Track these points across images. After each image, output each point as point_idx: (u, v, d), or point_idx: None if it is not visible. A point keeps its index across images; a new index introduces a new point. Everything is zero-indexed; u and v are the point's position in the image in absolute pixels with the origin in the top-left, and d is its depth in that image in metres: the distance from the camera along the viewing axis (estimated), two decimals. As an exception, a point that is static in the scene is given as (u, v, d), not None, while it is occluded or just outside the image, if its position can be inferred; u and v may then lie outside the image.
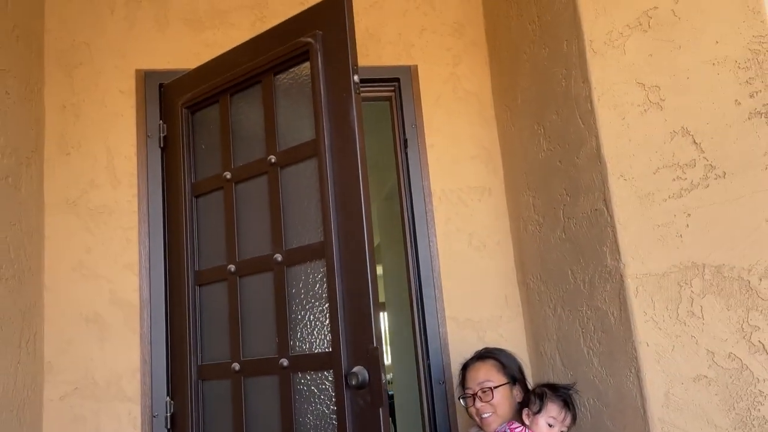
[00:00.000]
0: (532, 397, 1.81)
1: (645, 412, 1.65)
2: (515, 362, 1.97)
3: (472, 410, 1.88)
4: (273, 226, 1.99)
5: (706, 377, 1.59)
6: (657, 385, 1.63)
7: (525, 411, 1.80)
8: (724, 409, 1.56)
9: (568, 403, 1.80)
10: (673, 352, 1.63)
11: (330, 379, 1.80)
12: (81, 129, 2.37)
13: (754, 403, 1.53)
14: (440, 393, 2.34)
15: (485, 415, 1.85)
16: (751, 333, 1.55)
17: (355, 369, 1.71)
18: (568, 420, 1.79)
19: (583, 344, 1.97)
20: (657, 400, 1.63)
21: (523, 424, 1.78)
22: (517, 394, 1.90)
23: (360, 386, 1.70)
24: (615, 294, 1.76)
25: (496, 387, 1.85)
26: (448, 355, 2.38)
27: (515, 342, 2.43)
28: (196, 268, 2.18)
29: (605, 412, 1.87)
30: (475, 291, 2.47)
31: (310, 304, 1.89)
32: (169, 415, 2.15)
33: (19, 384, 1.96)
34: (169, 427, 2.14)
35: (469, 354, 2.03)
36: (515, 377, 1.92)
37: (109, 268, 2.28)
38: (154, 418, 2.15)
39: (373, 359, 1.69)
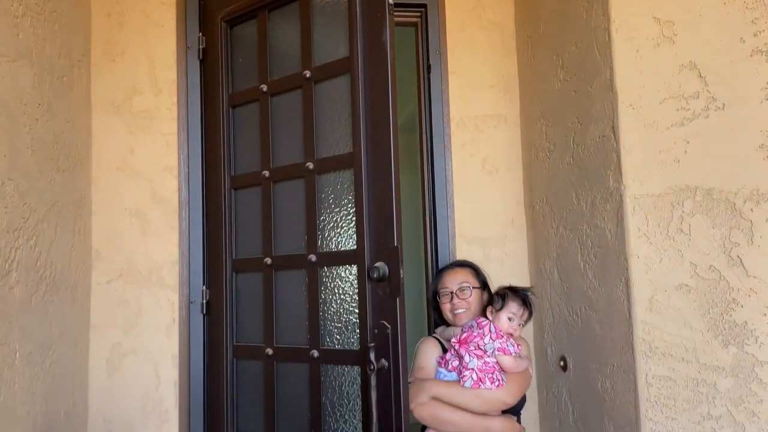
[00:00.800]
0: (496, 297, 2.12)
1: (630, 316, 1.88)
2: (484, 274, 2.32)
3: (447, 306, 2.22)
4: (305, 137, 2.17)
5: (687, 286, 1.80)
6: (643, 293, 1.85)
7: (489, 308, 2.10)
8: (700, 313, 1.78)
9: (526, 302, 2.11)
10: (660, 264, 1.84)
11: (354, 272, 2.02)
12: (124, 37, 2.52)
13: (727, 309, 1.76)
14: (447, 300, 2.57)
15: (460, 311, 2.17)
16: (731, 248, 1.75)
17: (377, 264, 1.93)
18: (526, 316, 2.11)
19: (580, 259, 2.19)
20: (642, 305, 1.85)
21: (487, 319, 2.07)
22: (485, 298, 2.22)
23: (380, 279, 1.92)
24: (614, 213, 1.95)
25: (473, 288, 2.20)
26: (456, 268, 2.60)
27: (517, 259, 2.66)
28: (232, 173, 2.37)
29: (594, 317, 2.10)
30: (484, 212, 2.67)
31: (338, 209, 2.10)
32: (205, 302, 2.39)
33: (72, 266, 2.20)
34: (205, 312, 2.40)
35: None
36: (485, 284, 2.28)
37: (151, 169, 2.47)
38: (191, 304, 2.40)
39: (393, 256, 1.91)
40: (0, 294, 1.65)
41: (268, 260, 2.22)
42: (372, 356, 1.88)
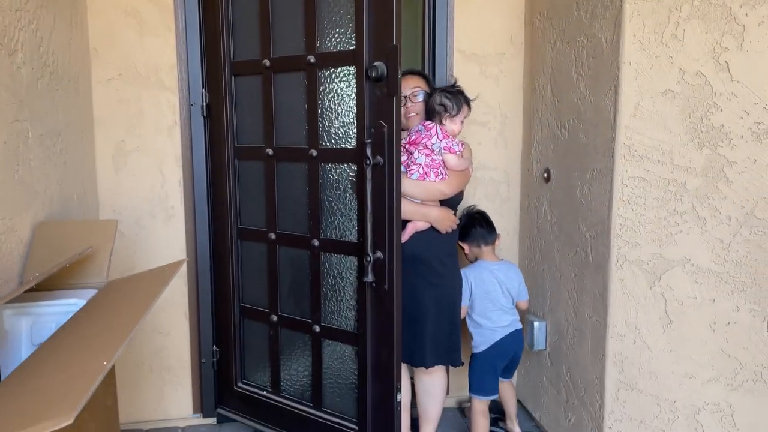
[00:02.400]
0: (450, 103, 2.18)
1: (615, 122, 1.97)
2: (433, 83, 2.43)
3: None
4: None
5: (673, 92, 1.88)
6: (630, 99, 1.93)
7: (446, 114, 2.19)
8: (680, 118, 1.88)
9: (469, 103, 2.24)
10: (650, 70, 1.89)
11: (353, 73, 2.06)
12: None
13: (707, 113, 1.85)
14: (441, 114, 2.65)
15: (412, 114, 2.28)
16: (721, 54, 1.81)
17: (376, 63, 1.97)
18: (468, 114, 2.26)
19: (573, 72, 2.23)
20: (627, 111, 1.93)
21: (433, 122, 2.20)
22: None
23: (378, 78, 1.97)
24: (612, 20, 1.97)
25: (425, 93, 2.28)
26: (452, 83, 2.64)
27: (512, 78, 2.70)
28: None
29: (581, 128, 2.20)
30: (484, 27, 2.66)
31: (338, 8, 2.08)
32: (204, 104, 2.45)
33: (72, 60, 2.21)
34: (205, 115, 2.46)
35: (472, 87, 2.35)
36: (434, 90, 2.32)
37: (144, -35, 2.40)
38: (191, 107, 2.46)
39: (392, 55, 1.94)
40: (9, 71, 1.69)
41: (267, 62, 2.25)
42: (368, 152, 1.99)
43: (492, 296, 2.37)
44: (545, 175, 2.50)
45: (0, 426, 0.79)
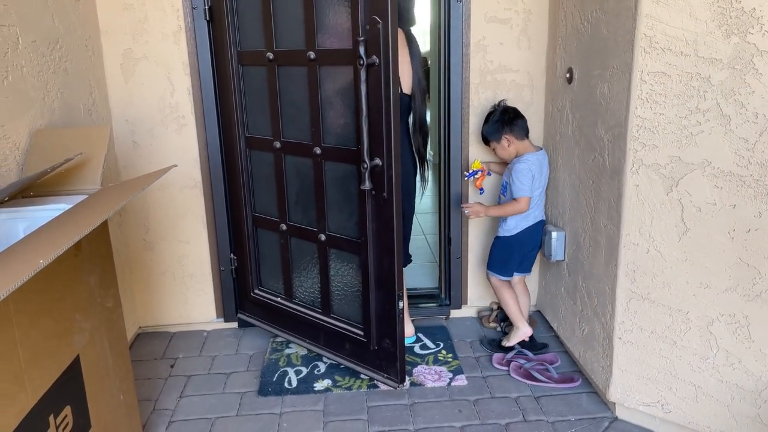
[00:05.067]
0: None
1: (636, 10, 1.76)
2: None
3: None
4: None
5: (701, -29, 1.65)
6: (651, -18, 1.71)
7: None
8: (708, 2, 1.65)
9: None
10: (676, -53, 1.66)
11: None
12: None
13: (738, -5, 1.62)
14: (458, 12, 2.46)
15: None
16: None
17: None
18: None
19: (597, -45, 2.00)
20: (649, -4, 1.72)
21: None
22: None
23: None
24: None
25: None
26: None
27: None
28: None
29: (603, 19, 1.99)
30: None
31: None
32: (207, 7, 2.36)
33: (70, -35, 2.16)
34: (208, 18, 2.38)
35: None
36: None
37: None
38: (194, 10, 2.38)
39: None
40: (-12, -27, 1.66)
41: (264, -42, 2.13)
42: (362, 51, 1.89)
43: (538, 184, 2.42)
44: (567, 75, 2.31)
45: None
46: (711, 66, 1.68)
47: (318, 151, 2.18)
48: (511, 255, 2.49)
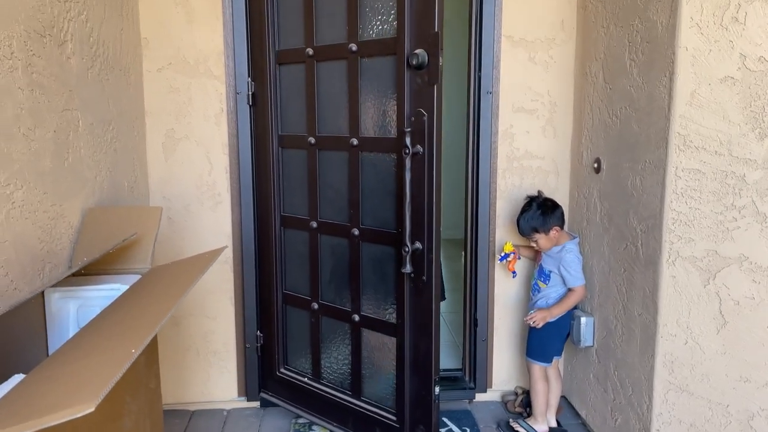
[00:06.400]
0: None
1: (669, 111, 1.86)
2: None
3: None
4: None
5: (733, 78, 1.76)
6: (686, 86, 1.82)
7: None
8: (741, 106, 1.76)
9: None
10: (708, 56, 1.78)
11: (394, 61, 2.03)
12: None
13: (770, 102, 1.72)
14: (488, 102, 2.58)
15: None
16: (786, 37, 1.67)
17: (417, 51, 1.93)
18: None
19: (626, 57, 2.13)
20: (683, 99, 1.83)
21: None
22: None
23: (419, 66, 1.93)
24: (668, 3, 1.85)
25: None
26: (499, 70, 2.57)
27: (563, 64, 2.60)
28: (274, -41, 2.31)
29: (633, 116, 2.09)
30: (534, 12, 2.56)
31: (380, -6, 2.05)
32: (250, 93, 2.47)
33: (123, 50, 2.27)
34: (251, 103, 2.49)
35: (519, 73, 2.40)
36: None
37: (192, -45, 2.43)
38: (237, 95, 2.49)
39: (433, 43, 1.90)
40: (58, 62, 1.75)
41: (310, 51, 2.25)
42: (408, 141, 1.96)
43: None
44: (595, 165, 2.40)
45: (23, 411, 0.82)
46: (745, 166, 1.77)
47: (356, 232, 2.23)
48: (554, 340, 2.49)
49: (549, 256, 2.45)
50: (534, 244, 2.47)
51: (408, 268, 2.01)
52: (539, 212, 2.41)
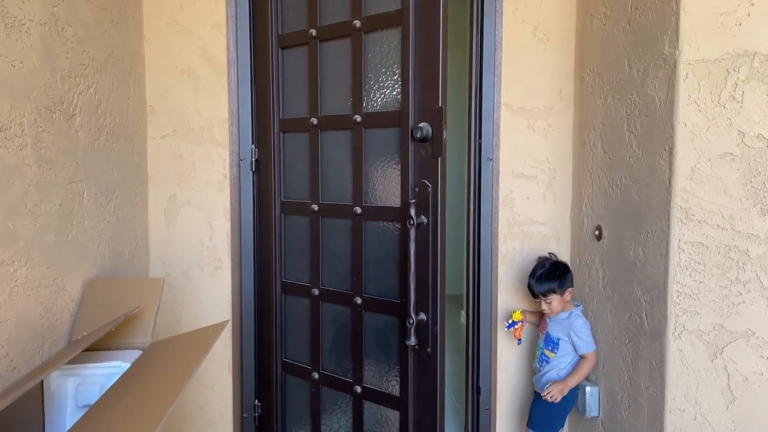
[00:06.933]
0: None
1: (670, 184, 1.89)
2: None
3: None
4: (353, -6, 2.14)
5: (732, 154, 1.79)
6: (686, 161, 1.85)
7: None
8: (741, 182, 1.78)
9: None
10: (707, 132, 1.82)
11: (398, 133, 2.06)
12: None
13: (770, 178, 1.75)
14: (488, 169, 2.61)
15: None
16: (783, 117, 1.72)
17: (421, 124, 1.96)
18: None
19: (625, 129, 2.17)
20: (683, 173, 1.85)
21: None
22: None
23: (423, 139, 1.96)
24: (665, 80, 1.91)
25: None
26: (499, 137, 2.61)
27: (562, 132, 2.65)
28: (279, 32, 2.37)
29: (634, 187, 2.12)
30: (532, 82, 2.62)
31: (384, 69, 2.10)
32: (254, 160, 2.49)
33: (129, 119, 2.30)
34: (254, 170, 2.50)
35: (519, 141, 2.42)
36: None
37: (200, 26, 2.49)
38: (241, 162, 2.51)
39: (437, 116, 1.93)
40: (66, 135, 1.76)
41: (314, 120, 2.28)
42: (412, 212, 1.97)
43: None
44: (596, 232, 2.41)
45: None
46: (748, 240, 1.78)
47: (359, 300, 2.21)
48: (560, 412, 2.44)
49: (556, 323, 2.42)
50: (546, 307, 2.40)
51: (412, 340, 1.99)
52: (556, 273, 2.40)
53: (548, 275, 2.39)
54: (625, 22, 2.17)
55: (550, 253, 2.54)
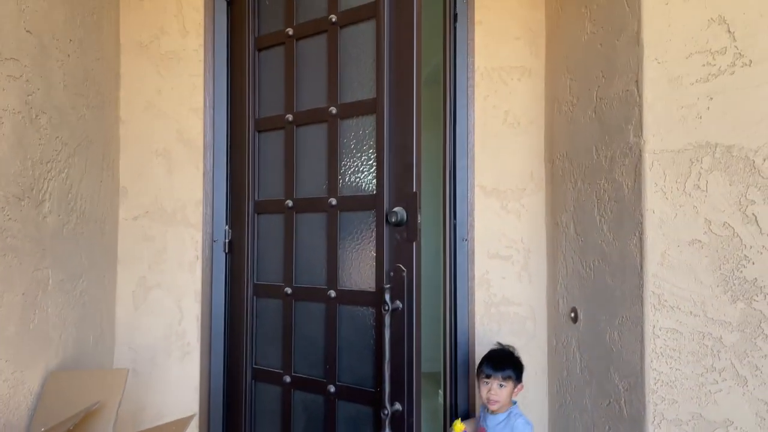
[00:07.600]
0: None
1: (642, 269, 1.91)
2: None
3: None
4: (329, 82, 2.19)
5: (700, 242, 1.82)
6: (656, 247, 1.87)
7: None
8: (711, 269, 1.81)
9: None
10: (675, 219, 1.86)
11: (373, 217, 2.07)
12: (153, -23, 2.53)
13: (738, 266, 1.78)
14: (463, 249, 2.62)
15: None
16: (747, 206, 1.76)
17: (396, 209, 1.98)
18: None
19: (596, 213, 2.21)
20: (654, 259, 1.88)
21: None
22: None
23: (398, 223, 1.97)
24: (632, 168, 1.96)
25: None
26: (474, 218, 2.64)
27: (535, 213, 2.69)
28: (257, 116, 2.41)
29: (607, 270, 2.14)
30: (504, 164, 2.69)
31: (359, 154, 2.13)
32: (227, 241, 2.47)
33: (101, 201, 2.27)
34: (227, 251, 2.48)
35: (493, 221, 2.44)
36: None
37: (177, 109, 2.52)
38: (214, 243, 2.48)
39: (411, 202, 1.95)
40: (34, 222, 1.73)
41: (290, 202, 2.28)
42: (387, 297, 1.95)
43: None
44: (572, 314, 2.41)
45: None
46: (721, 327, 1.79)
47: (332, 389, 2.14)
48: None
49: (492, 428, 2.28)
50: (496, 393, 2.26)
51: (387, 432, 1.92)
52: (519, 360, 2.34)
53: (513, 358, 2.32)
54: (591, 110, 2.25)
55: (509, 346, 2.44)
